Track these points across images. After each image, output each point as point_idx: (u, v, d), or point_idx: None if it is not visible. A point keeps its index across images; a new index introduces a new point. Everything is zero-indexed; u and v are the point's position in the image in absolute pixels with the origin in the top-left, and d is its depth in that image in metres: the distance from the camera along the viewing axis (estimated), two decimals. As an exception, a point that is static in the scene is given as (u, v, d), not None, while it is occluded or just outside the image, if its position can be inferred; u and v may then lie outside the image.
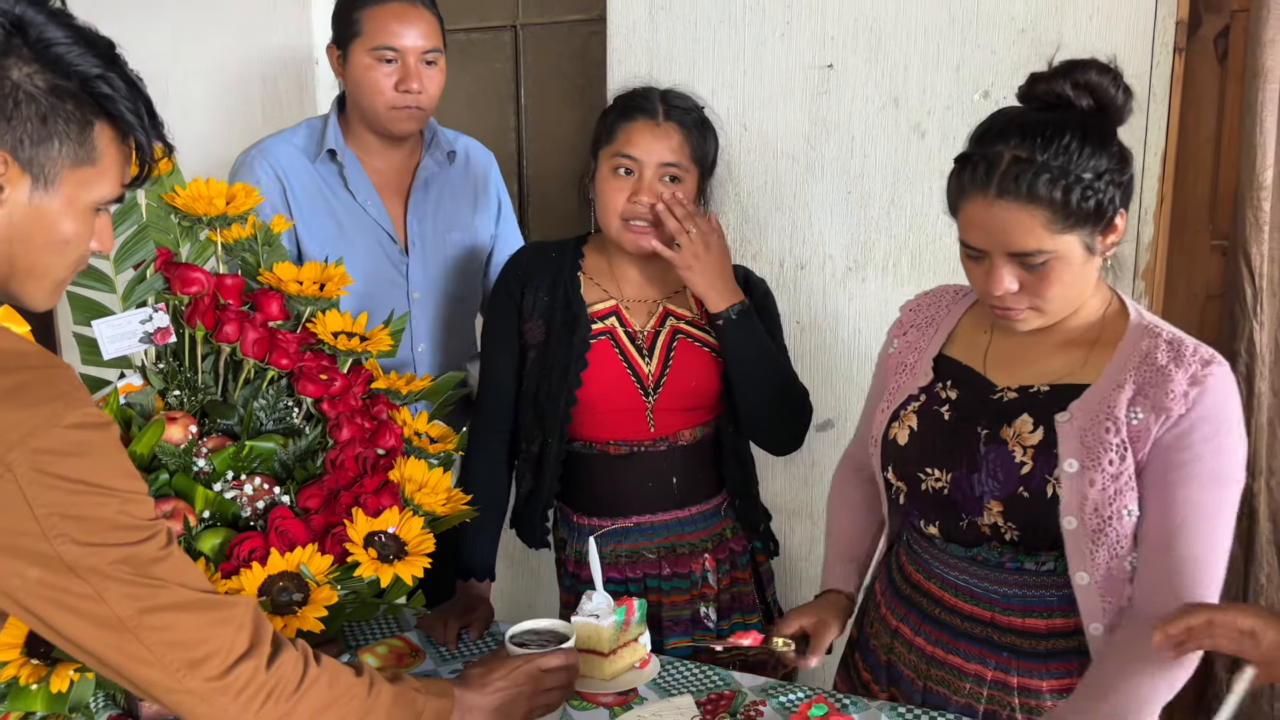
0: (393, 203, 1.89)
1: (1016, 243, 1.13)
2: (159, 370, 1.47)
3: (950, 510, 1.27)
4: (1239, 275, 1.72)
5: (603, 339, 1.56)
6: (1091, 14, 1.76)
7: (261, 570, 1.26)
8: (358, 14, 1.77)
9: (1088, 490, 1.16)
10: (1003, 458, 1.22)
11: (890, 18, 1.91)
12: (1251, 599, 1.80)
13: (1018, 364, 1.27)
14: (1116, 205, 1.14)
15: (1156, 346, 1.18)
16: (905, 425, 1.33)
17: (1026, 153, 1.11)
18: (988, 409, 1.26)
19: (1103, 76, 1.15)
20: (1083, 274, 1.17)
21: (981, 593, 1.28)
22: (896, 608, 1.38)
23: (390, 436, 1.49)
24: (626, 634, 1.43)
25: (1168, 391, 1.14)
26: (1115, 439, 1.16)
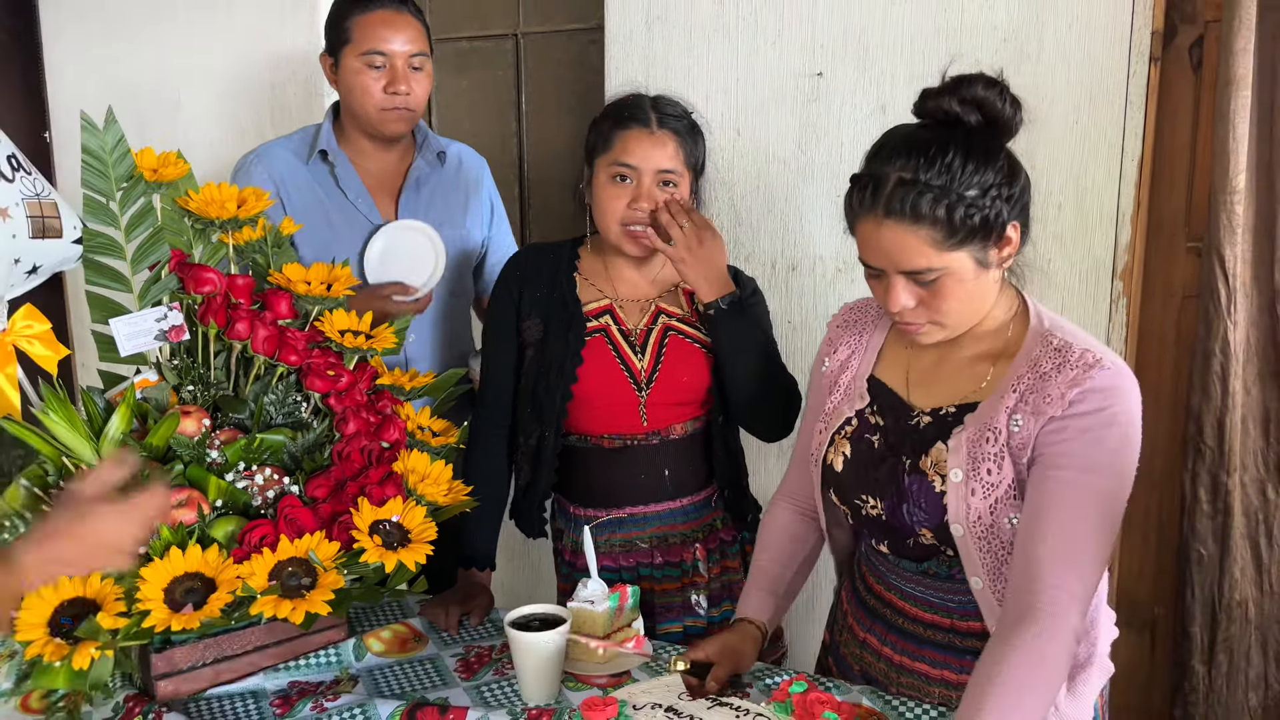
0: (384, 202, 1.96)
1: (906, 261, 1.16)
2: (173, 366, 1.53)
3: (892, 533, 1.30)
4: (1214, 276, 1.77)
5: (597, 336, 1.62)
6: (1070, 23, 1.82)
7: (272, 556, 1.32)
8: (348, 22, 1.85)
9: (970, 499, 1.19)
10: (925, 489, 1.23)
11: (878, 28, 1.97)
12: (1226, 592, 1.85)
13: (935, 382, 1.29)
14: (1005, 219, 1.16)
15: (1045, 354, 1.18)
16: (840, 451, 1.33)
17: (910, 173, 1.14)
18: (909, 438, 1.27)
19: (989, 91, 1.16)
20: (978, 288, 1.19)
21: (939, 602, 1.30)
22: (862, 619, 1.41)
23: (394, 430, 1.55)
24: (620, 619, 1.49)
25: (1046, 395, 1.15)
26: (993, 448, 1.18)
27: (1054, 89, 1.84)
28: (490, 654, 1.51)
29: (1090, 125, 1.84)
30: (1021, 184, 1.19)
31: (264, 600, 1.28)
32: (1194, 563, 1.87)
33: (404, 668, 1.48)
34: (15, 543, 1.08)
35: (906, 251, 1.16)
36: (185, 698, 1.38)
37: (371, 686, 1.42)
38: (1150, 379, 1.95)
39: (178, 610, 1.26)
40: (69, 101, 2.88)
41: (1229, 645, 1.86)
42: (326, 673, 1.46)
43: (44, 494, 1.38)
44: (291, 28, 2.56)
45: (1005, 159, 1.18)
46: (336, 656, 1.49)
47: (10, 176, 1.35)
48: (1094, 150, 1.84)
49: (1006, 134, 1.20)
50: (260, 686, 1.42)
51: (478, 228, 2.07)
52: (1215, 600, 1.86)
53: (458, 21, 2.58)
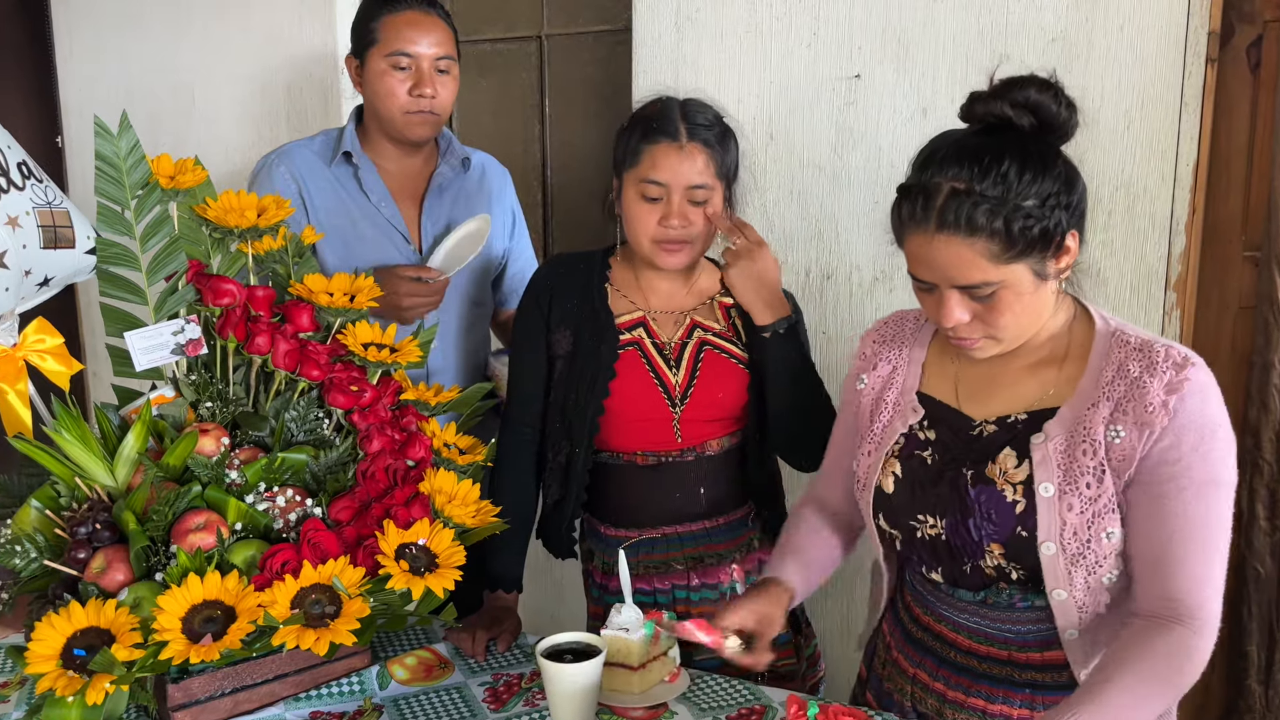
0: (407, 206, 1.92)
1: (962, 276, 1.11)
2: (191, 382, 1.48)
3: (951, 556, 1.23)
4: (1272, 286, 1.72)
5: (630, 350, 1.56)
6: (1122, 24, 1.75)
7: (294, 582, 1.26)
8: (374, 23, 1.82)
9: (1066, 514, 1.14)
10: (994, 499, 1.18)
11: (919, 28, 1.91)
12: None
13: (990, 392, 1.23)
14: (1064, 228, 1.11)
15: (1128, 356, 1.14)
16: (889, 472, 1.28)
17: (964, 183, 1.08)
18: (970, 448, 1.22)
19: (1043, 94, 1.11)
20: (1035, 300, 1.14)
21: (996, 633, 1.24)
22: (910, 654, 1.34)
23: (420, 448, 1.49)
24: (656, 647, 1.42)
25: (1146, 405, 1.10)
26: (1092, 461, 1.13)
27: (1104, 91, 1.78)
28: (520, 682, 1.45)
29: (1143, 129, 1.78)
30: (1079, 191, 1.14)
31: (286, 630, 1.22)
32: (1251, 580, 1.80)
33: (430, 697, 1.42)
34: None
35: (962, 266, 1.10)
36: (204, 728, 1.32)
37: (397, 717, 1.37)
38: (1204, 393, 1.89)
39: (196, 641, 1.20)
40: (81, 105, 2.84)
41: (1289, 670, 1.79)
42: (349, 702, 1.40)
43: (56, 516, 1.32)
44: (308, 30, 2.51)
45: (1062, 165, 1.12)
46: (359, 685, 1.43)
47: (21, 184, 1.29)
48: (1146, 155, 1.78)
49: (1062, 138, 1.14)
50: (281, 717, 1.36)
51: (499, 238, 2.03)
52: (1273, 619, 1.81)
53: (480, 23, 2.53)
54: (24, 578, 1.31)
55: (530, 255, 2.11)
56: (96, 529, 1.30)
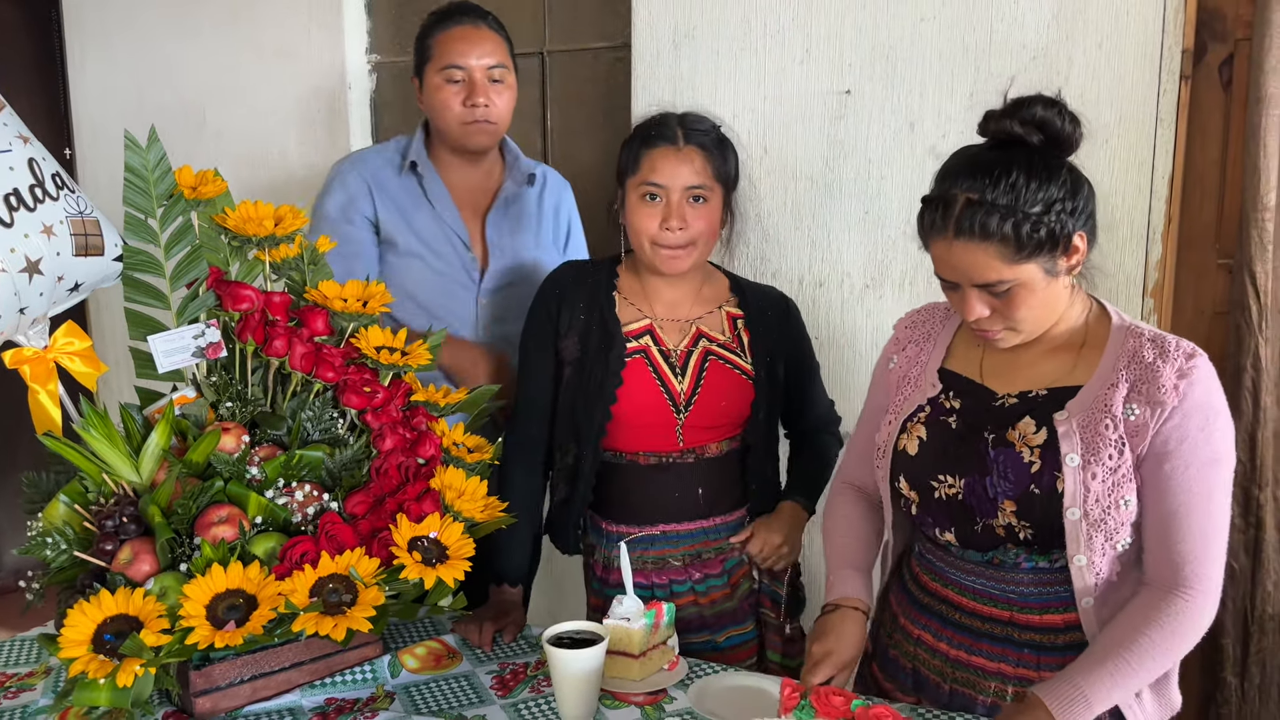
0: (471, 219, 1.99)
1: (979, 276, 1.23)
2: (211, 383, 1.54)
3: (965, 516, 1.33)
4: (1244, 293, 1.78)
5: (637, 357, 1.63)
6: (1100, 42, 1.83)
7: (313, 572, 1.32)
8: (429, 40, 1.90)
9: (1090, 483, 1.24)
10: (1012, 459, 1.28)
11: (906, 45, 1.98)
12: (1259, 604, 1.84)
13: (1013, 372, 1.34)
14: (1070, 230, 1.21)
15: (1142, 345, 1.25)
16: (914, 436, 1.39)
17: (978, 194, 1.19)
18: (992, 415, 1.33)
19: (1049, 111, 1.22)
20: (1048, 295, 1.25)
21: (999, 594, 1.33)
22: (916, 617, 1.43)
23: (430, 446, 1.56)
24: (656, 636, 1.48)
25: (1159, 386, 1.21)
26: (1114, 434, 1.23)
27: (1083, 107, 1.81)
28: (526, 671, 1.51)
29: (1120, 142, 1.85)
30: (1085, 195, 1.24)
31: (305, 617, 1.28)
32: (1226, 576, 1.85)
33: (440, 684, 1.48)
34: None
35: (978, 267, 1.22)
36: (224, 714, 1.38)
37: (408, 703, 1.42)
38: (1181, 395, 1.96)
39: (220, 627, 1.26)
40: (92, 118, 2.91)
41: (1261, 658, 1.86)
42: (363, 689, 1.46)
43: (84, 510, 1.38)
44: (317, 45, 2.58)
45: (1067, 173, 1.23)
46: (372, 673, 1.49)
47: (55, 195, 1.36)
48: (1124, 167, 1.85)
49: (1068, 150, 1.24)
50: (297, 703, 1.42)
51: (556, 251, 2.09)
52: (1248, 613, 1.87)
53: (483, 39, 2.59)
54: (54, 569, 1.37)
55: None
56: (123, 522, 1.35)
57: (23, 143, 1.37)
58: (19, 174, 1.33)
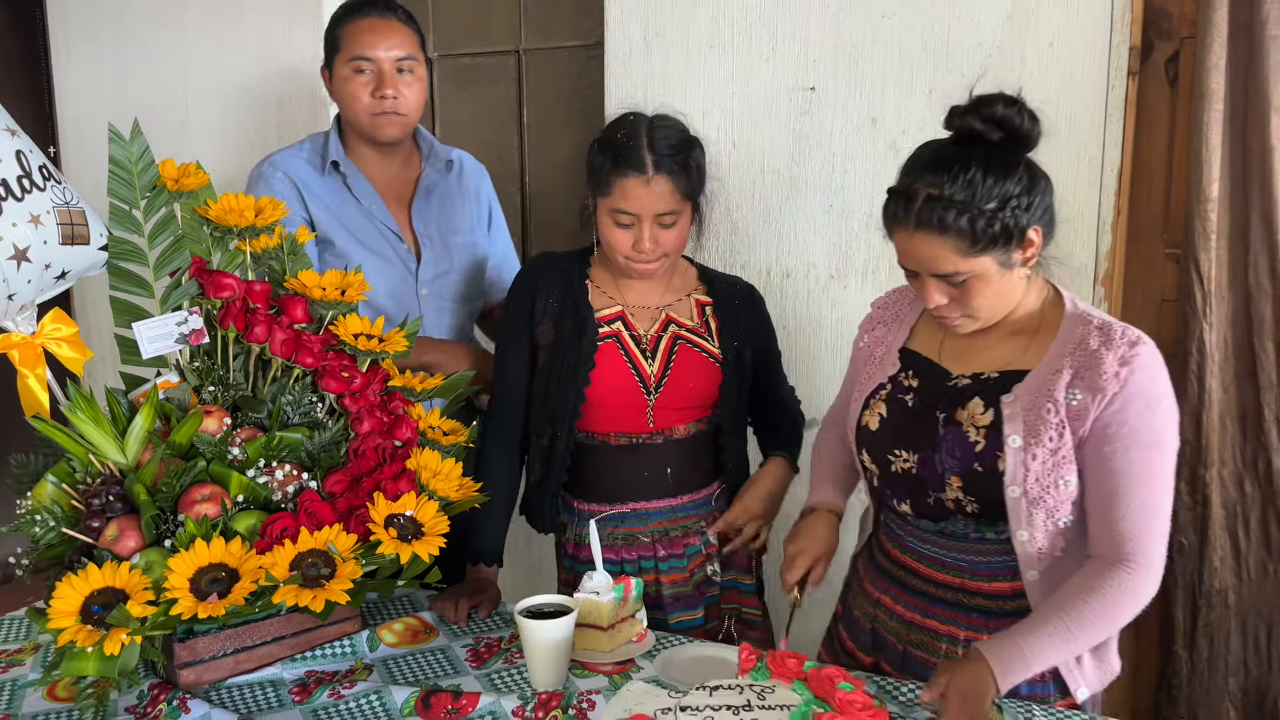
0: (396, 209, 2.02)
1: (936, 266, 1.29)
2: (194, 368, 1.59)
3: (918, 488, 1.40)
4: (1190, 281, 1.85)
5: (609, 342, 1.68)
6: (1052, 40, 1.90)
7: (293, 547, 1.37)
8: (339, 32, 1.92)
9: (1030, 463, 1.30)
10: (958, 438, 1.35)
11: (868, 44, 2.05)
12: (1206, 580, 1.92)
13: (970, 354, 1.41)
14: (1024, 225, 1.27)
15: (1089, 333, 1.31)
16: (875, 412, 1.46)
17: (937, 189, 1.25)
18: (945, 395, 1.40)
19: (1009, 109, 1.27)
20: (1003, 285, 1.31)
21: (951, 562, 1.41)
22: (879, 582, 1.51)
23: (406, 429, 1.61)
24: (624, 609, 1.54)
25: (1101, 373, 1.27)
26: (1055, 418, 1.29)
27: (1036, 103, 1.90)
28: (500, 644, 1.57)
29: (1071, 137, 1.92)
30: (1041, 190, 1.29)
31: (286, 589, 1.33)
32: (1176, 553, 1.94)
33: (416, 657, 1.54)
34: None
35: (936, 258, 1.28)
36: (207, 685, 1.44)
37: (386, 675, 1.48)
38: (1132, 380, 2.03)
39: (203, 599, 1.31)
40: (77, 116, 2.95)
41: (1209, 631, 1.93)
42: (342, 662, 1.52)
43: (72, 490, 1.43)
44: (297, 43, 2.62)
45: (1024, 170, 1.28)
46: (351, 647, 1.54)
47: (43, 186, 1.41)
48: (1075, 161, 1.92)
49: (1027, 146, 1.30)
50: (278, 676, 1.48)
51: (482, 234, 2.14)
52: (1196, 588, 1.94)
53: (462, 38, 2.65)
54: (42, 545, 1.42)
55: (507, 248, 2.21)
56: (110, 500, 1.40)
57: (10, 135, 1.42)
58: (7, 165, 1.38)
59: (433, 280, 2.02)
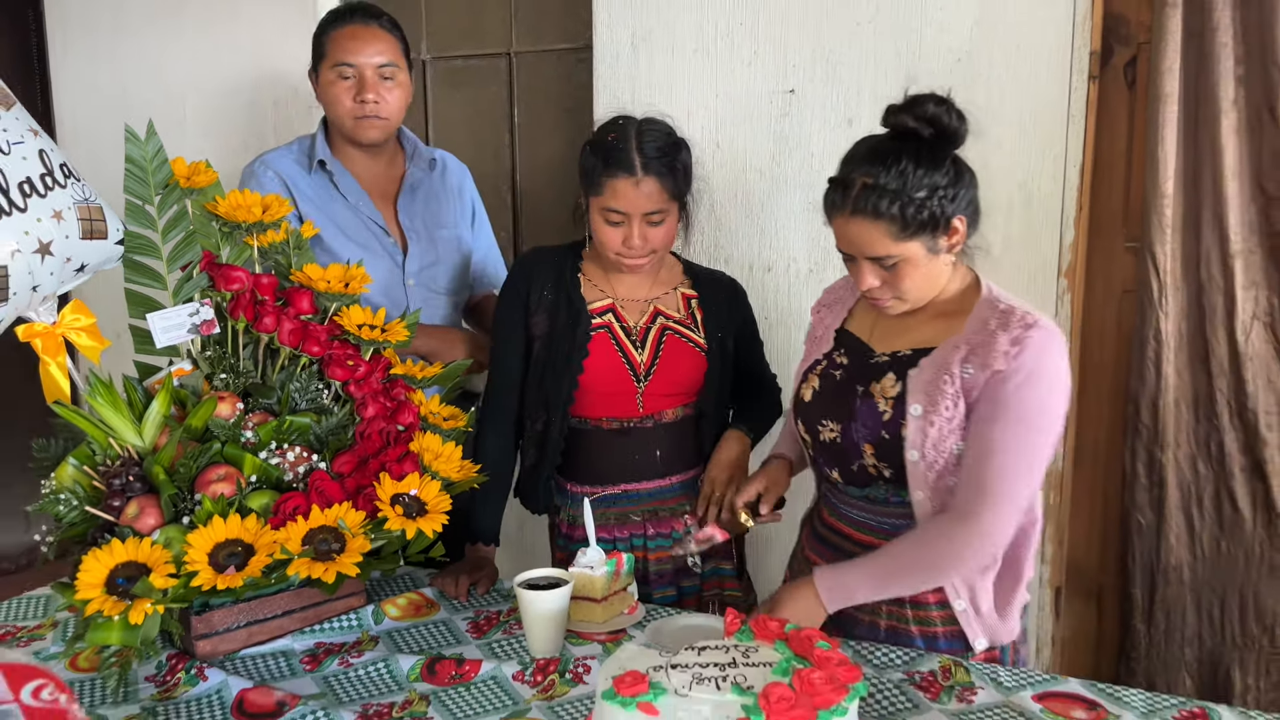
0: (382, 206, 2.10)
1: (870, 249, 1.40)
2: (206, 357, 1.67)
3: (842, 456, 1.52)
4: (1147, 272, 1.96)
5: (601, 332, 1.77)
6: (1018, 45, 2.00)
7: (305, 523, 1.46)
8: (323, 38, 2.01)
9: (928, 430, 1.41)
10: (870, 409, 1.47)
11: (844, 49, 2.15)
12: (1163, 557, 2.03)
13: (895, 335, 1.52)
14: (950, 213, 1.38)
15: (992, 315, 1.41)
16: (810, 386, 1.59)
17: (872, 178, 1.36)
18: (866, 370, 1.52)
19: (939, 108, 1.39)
20: (930, 269, 1.42)
21: (875, 524, 1.53)
22: (817, 548, 1.63)
23: (409, 414, 1.70)
24: (617, 583, 1.63)
25: (993, 350, 1.37)
26: (950, 389, 1.40)
27: (1004, 105, 2.03)
28: (498, 617, 1.65)
29: (1036, 136, 2.02)
30: (966, 183, 1.41)
31: (299, 562, 1.42)
32: (1134, 531, 2.05)
33: (420, 629, 1.62)
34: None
35: (869, 242, 1.39)
36: (222, 656, 1.52)
37: (391, 645, 1.56)
38: (1094, 367, 2.14)
39: (221, 571, 1.40)
40: (74, 115, 3.00)
41: (1166, 605, 2.04)
42: (349, 634, 1.60)
43: (93, 471, 1.51)
44: (293, 46, 2.69)
45: (952, 164, 1.39)
46: (357, 621, 1.62)
47: (64, 183, 1.49)
48: (1040, 160, 2.03)
49: (954, 143, 1.41)
50: (289, 647, 1.56)
51: (466, 229, 2.22)
52: (1153, 565, 2.05)
53: (454, 41, 2.73)
54: (65, 524, 1.50)
55: (491, 243, 2.29)
56: (129, 481, 1.48)
57: (33, 135, 1.49)
58: (31, 163, 1.46)
59: (419, 272, 2.10)
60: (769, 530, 1.80)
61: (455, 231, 2.17)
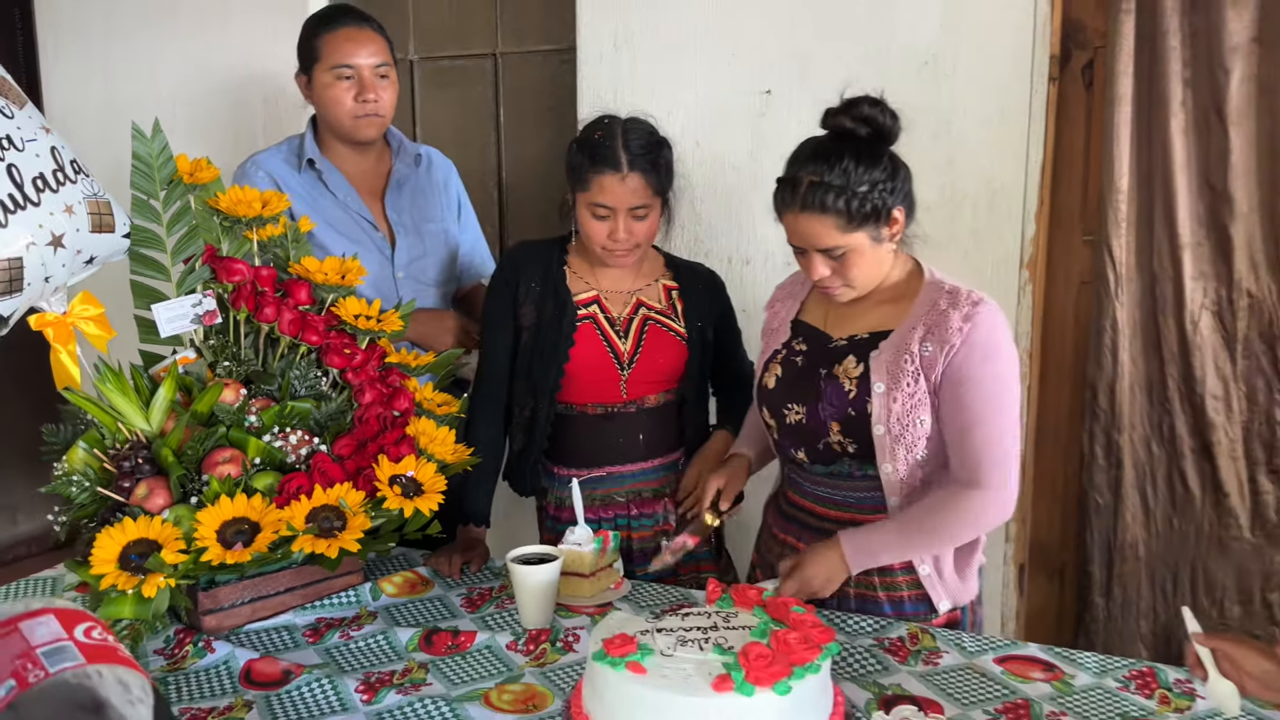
0: (370, 202, 2.17)
1: (820, 242, 1.50)
2: (209, 345, 1.75)
3: (809, 436, 1.62)
4: (1104, 264, 2.07)
5: (586, 322, 1.86)
6: (980, 48, 2.10)
7: (308, 502, 1.54)
8: (317, 41, 2.07)
9: (892, 406, 1.53)
10: (836, 389, 1.57)
11: (818, 52, 2.24)
12: (1119, 534, 2.14)
13: (848, 321, 1.63)
14: (890, 205, 1.49)
15: (940, 296, 1.53)
16: (773, 373, 1.68)
17: (818, 176, 1.48)
18: (827, 355, 1.62)
19: (874, 109, 1.50)
20: (875, 257, 1.53)
21: (841, 499, 1.63)
22: (785, 526, 1.72)
23: (404, 400, 1.77)
24: (604, 559, 1.72)
25: (948, 328, 1.49)
26: (911, 367, 1.52)
27: (968, 105, 2.13)
28: (491, 593, 1.73)
29: (999, 135, 2.12)
30: (902, 177, 1.53)
31: (303, 539, 1.50)
32: (1092, 510, 2.16)
33: (416, 605, 1.70)
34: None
35: (819, 235, 1.50)
36: (227, 630, 1.59)
37: (388, 619, 1.64)
38: (1055, 354, 2.25)
39: (230, 548, 1.47)
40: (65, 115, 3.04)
41: (1123, 581, 2.15)
42: (348, 610, 1.68)
43: (103, 455, 1.58)
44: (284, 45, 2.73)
45: (889, 159, 1.51)
46: (356, 598, 1.70)
47: (74, 178, 1.56)
48: (1002, 157, 2.13)
49: (889, 140, 1.53)
50: (291, 622, 1.63)
51: (453, 222, 2.30)
52: (1111, 542, 2.15)
53: (441, 42, 2.81)
54: (77, 505, 1.57)
55: (477, 236, 2.36)
56: (139, 463, 1.56)
57: (45, 132, 1.56)
58: (44, 160, 1.52)
59: (408, 264, 2.17)
60: (746, 518, 1.89)
61: (442, 225, 2.25)
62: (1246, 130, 1.95)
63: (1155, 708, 1.31)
